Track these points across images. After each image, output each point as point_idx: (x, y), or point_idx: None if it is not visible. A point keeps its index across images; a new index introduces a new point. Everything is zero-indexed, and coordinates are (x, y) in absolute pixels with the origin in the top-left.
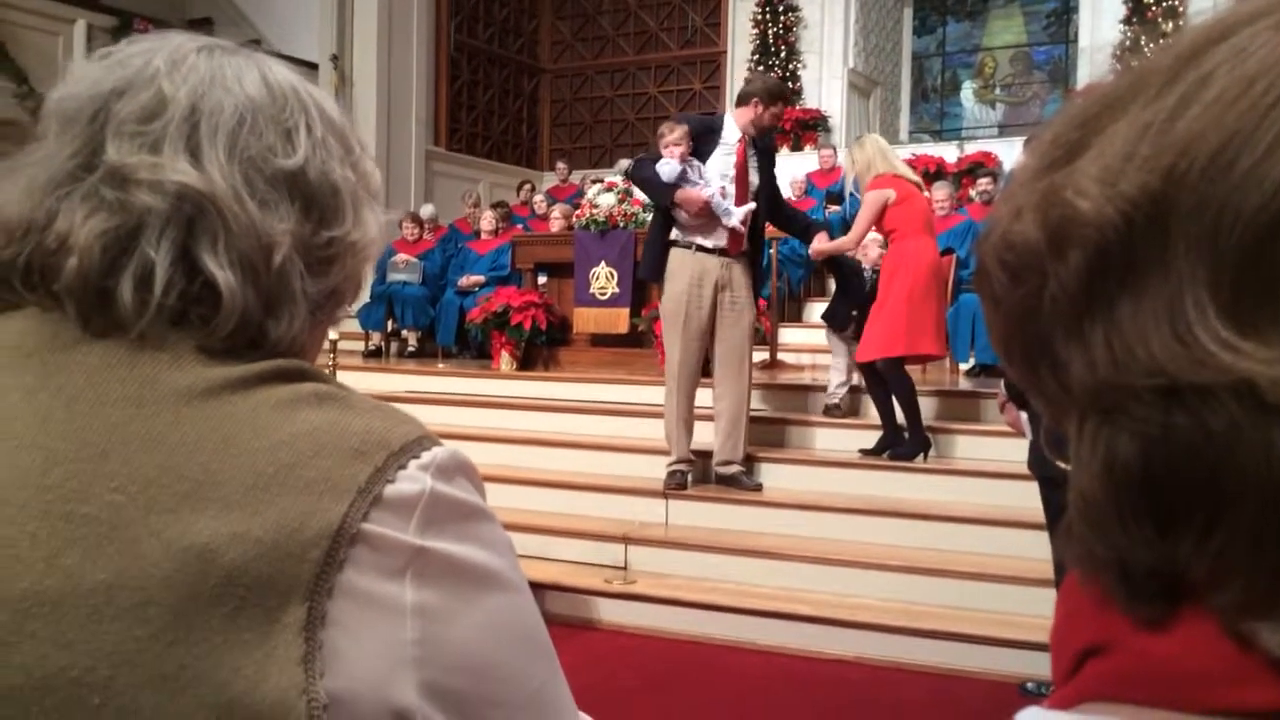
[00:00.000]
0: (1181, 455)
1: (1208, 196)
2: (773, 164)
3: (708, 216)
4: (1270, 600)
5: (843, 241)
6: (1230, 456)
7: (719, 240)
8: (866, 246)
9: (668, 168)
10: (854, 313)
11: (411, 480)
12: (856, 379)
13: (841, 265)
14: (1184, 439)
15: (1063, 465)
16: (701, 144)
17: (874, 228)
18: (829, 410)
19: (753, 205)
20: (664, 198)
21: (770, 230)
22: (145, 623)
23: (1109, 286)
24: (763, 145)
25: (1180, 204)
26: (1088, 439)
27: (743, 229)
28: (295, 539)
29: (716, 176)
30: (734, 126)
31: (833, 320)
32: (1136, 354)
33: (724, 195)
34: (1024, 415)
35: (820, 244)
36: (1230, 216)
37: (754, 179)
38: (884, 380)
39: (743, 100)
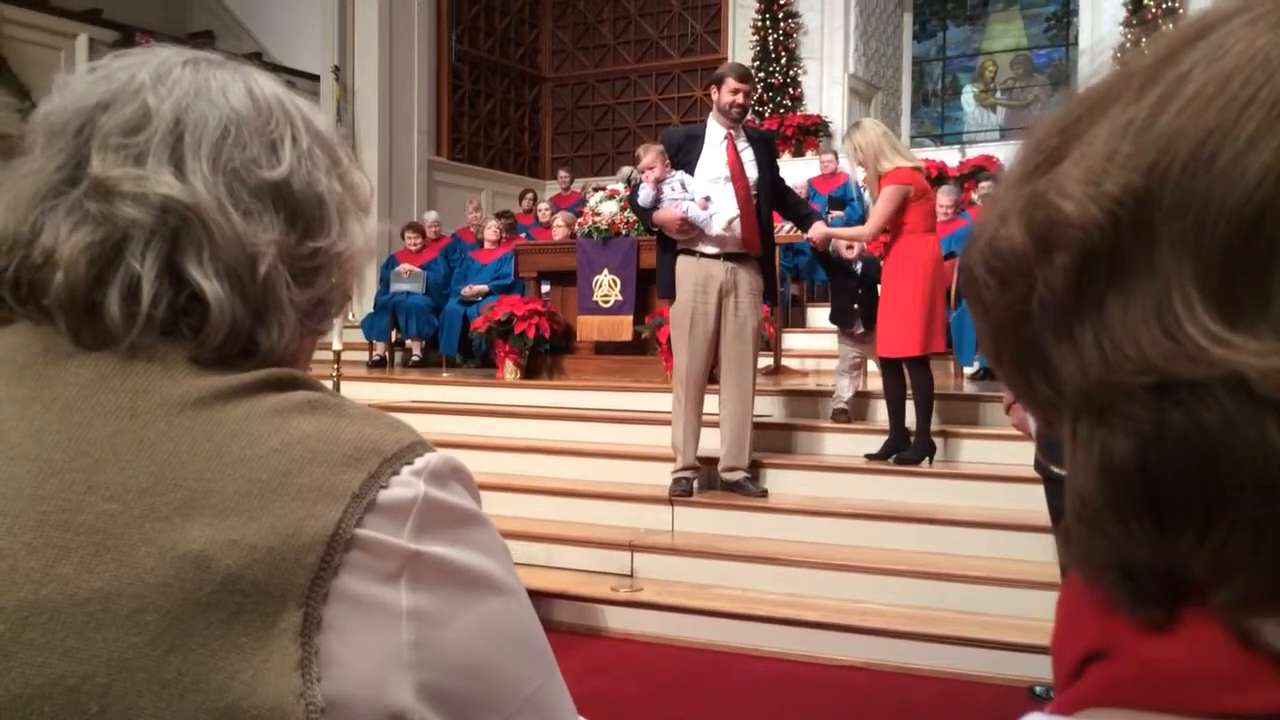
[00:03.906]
0: (1177, 452)
1: (1190, 192)
2: (773, 154)
3: (692, 230)
4: (1273, 595)
5: (859, 231)
6: (1225, 451)
7: (722, 245)
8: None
9: (642, 193)
10: (855, 305)
11: (405, 486)
12: (864, 385)
13: (830, 263)
14: (1178, 435)
15: (1057, 470)
16: (687, 154)
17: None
18: (836, 415)
19: (734, 214)
20: (647, 222)
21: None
22: (142, 629)
23: (1097, 287)
24: (759, 137)
25: (1163, 201)
26: (1082, 441)
27: (735, 232)
28: (290, 545)
29: (705, 182)
30: (716, 126)
31: (840, 320)
32: (1127, 353)
33: (706, 204)
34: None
35: (825, 229)
36: (1213, 210)
37: (752, 173)
38: (901, 377)
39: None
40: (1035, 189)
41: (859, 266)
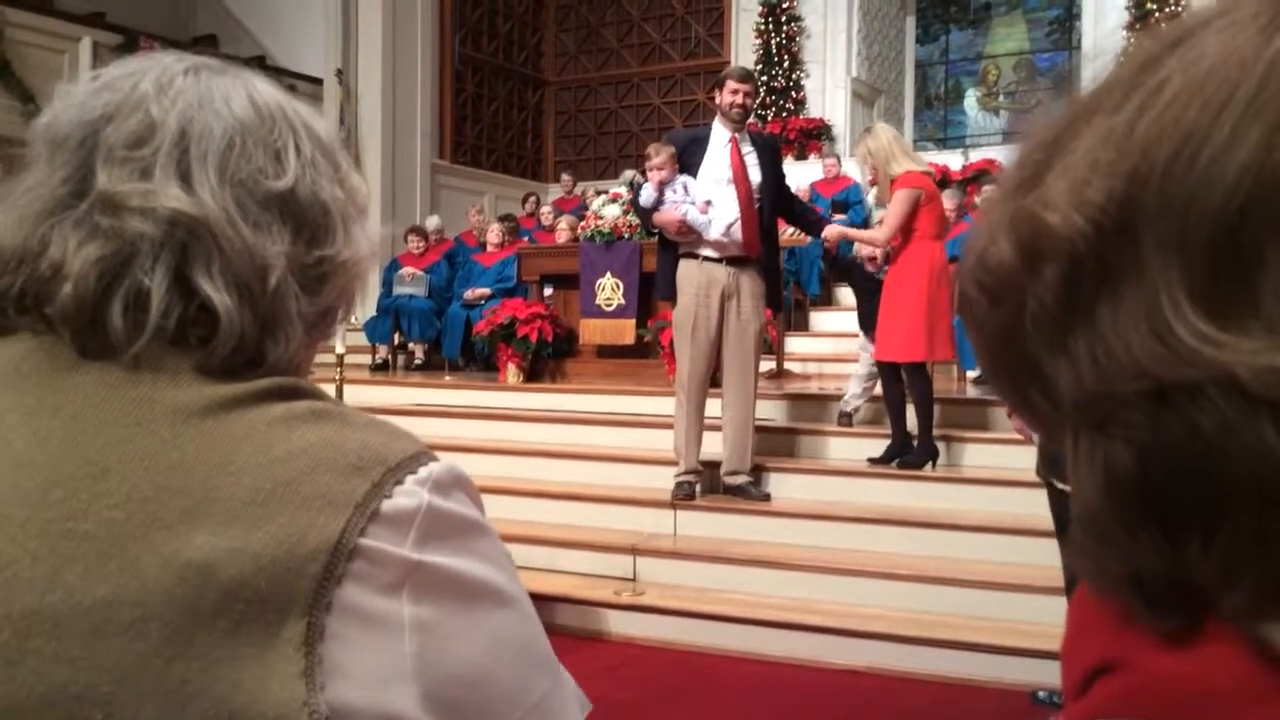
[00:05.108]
0: (1176, 458)
1: (1172, 194)
2: (777, 159)
3: (691, 233)
4: None
5: (873, 234)
6: (1223, 453)
7: (723, 249)
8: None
9: (645, 194)
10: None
11: (408, 495)
12: (876, 389)
13: (849, 271)
14: (1176, 441)
15: (1060, 485)
16: (691, 155)
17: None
18: (842, 418)
19: (734, 218)
20: (647, 224)
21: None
22: (146, 638)
23: (1086, 296)
24: (763, 142)
25: (1146, 204)
26: (1084, 453)
27: (734, 236)
28: (294, 554)
29: (709, 184)
30: (721, 129)
31: (869, 327)
32: (1120, 360)
33: (707, 209)
34: None
35: (839, 228)
36: (1196, 211)
37: (756, 176)
38: (901, 381)
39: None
40: (1022, 204)
41: (883, 274)
